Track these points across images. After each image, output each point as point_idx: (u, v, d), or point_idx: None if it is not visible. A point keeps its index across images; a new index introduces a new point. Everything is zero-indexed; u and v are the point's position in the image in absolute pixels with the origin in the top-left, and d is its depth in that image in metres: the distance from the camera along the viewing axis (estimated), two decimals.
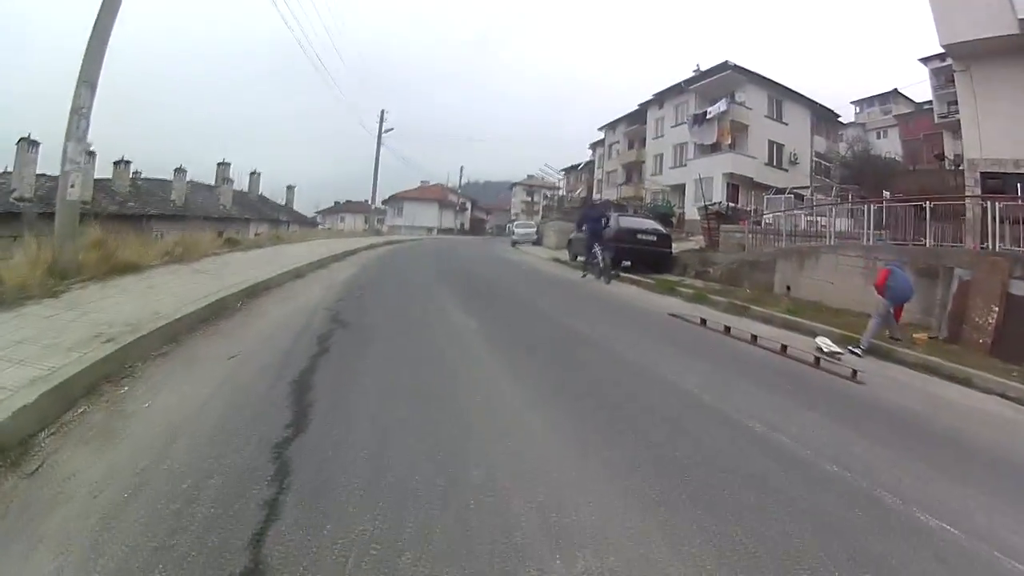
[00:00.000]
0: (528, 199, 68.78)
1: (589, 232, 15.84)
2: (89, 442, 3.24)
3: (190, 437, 3.34)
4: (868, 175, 28.65)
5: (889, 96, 48.97)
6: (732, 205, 30.06)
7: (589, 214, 17.17)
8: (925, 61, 35.64)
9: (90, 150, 27.45)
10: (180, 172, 34.76)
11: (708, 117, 35.93)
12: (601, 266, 15.13)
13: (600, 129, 53.95)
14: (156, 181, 34.06)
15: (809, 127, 38.64)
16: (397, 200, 70.65)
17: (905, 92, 47.40)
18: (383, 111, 43.39)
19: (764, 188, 31.45)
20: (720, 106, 35.20)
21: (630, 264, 16.44)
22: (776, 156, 36.60)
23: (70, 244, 6.99)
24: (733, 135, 34.98)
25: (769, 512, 3.00)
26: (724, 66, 36.20)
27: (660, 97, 42.53)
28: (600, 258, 15.21)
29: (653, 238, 17.53)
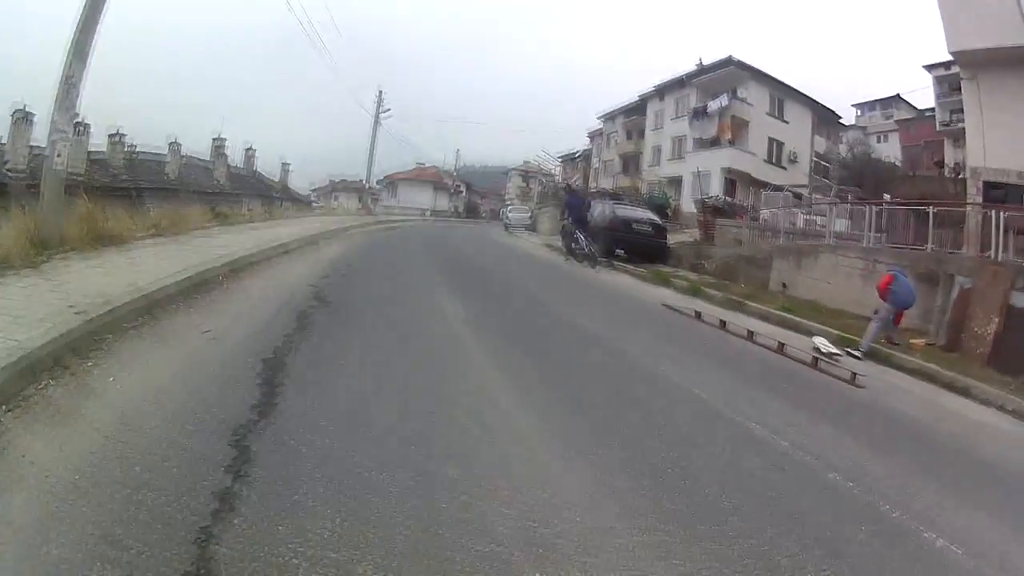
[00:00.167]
0: (524, 185, 68.26)
1: (572, 219, 16.18)
2: (48, 420, 3.00)
3: (151, 417, 3.11)
4: (868, 178, 28.45)
5: (891, 101, 48.63)
6: (729, 200, 29.89)
7: (572, 201, 17.35)
8: (929, 68, 35.25)
9: (85, 123, 27.18)
10: (175, 147, 34.26)
11: (709, 111, 35.65)
12: (586, 252, 15.27)
13: (599, 119, 53.51)
14: (151, 155, 33.50)
15: (810, 127, 38.40)
16: (392, 181, 69.95)
17: (907, 98, 47.25)
18: (380, 91, 42.84)
19: (762, 185, 31.22)
20: (721, 101, 34.92)
21: (625, 254, 16.30)
22: (775, 154, 36.39)
23: (54, 215, 6.77)
24: (733, 131, 34.74)
25: (773, 527, 2.81)
26: (727, 61, 35.89)
27: (661, 89, 42.19)
28: (584, 244, 15.39)
29: (649, 229, 17.32)
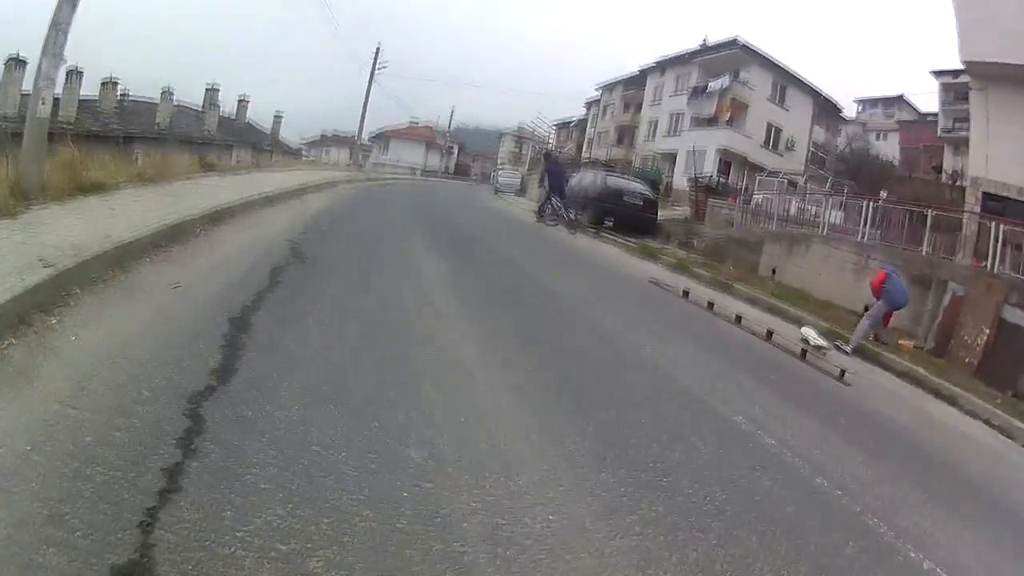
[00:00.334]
0: (516, 149, 67.73)
1: (549, 186, 16.50)
2: (7, 383, 2.77)
3: (106, 380, 2.90)
4: (864, 174, 28.47)
5: (894, 101, 48.51)
6: (723, 180, 29.82)
7: (550, 168, 17.40)
8: (937, 74, 35.20)
9: (79, 69, 26.59)
10: (167, 95, 33.57)
11: (709, 91, 35.28)
12: (565, 217, 15.78)
13: (597, 89, 52.89)
14: (143, 102, 32.89)
15: (810, 116, 38.14)
16: (384, 137, 68.96)
17: (911, 100, 47.11)
18: (378, 46, 41.77)
19: (757, 169, 31.15)
20: (723, 81, 34.55)
21: (613, 225, 16.12)
22: (773, 139, 36.21)
23: (35, 163, 6.48)
24: (732, 112, 34.45)
25: (757, 536, 2.69)
26: (732, 43, 35.39)
27: (662, 64, 41.66)
28: (562, 211, 15.97)
29: (639, 202, 17.19)
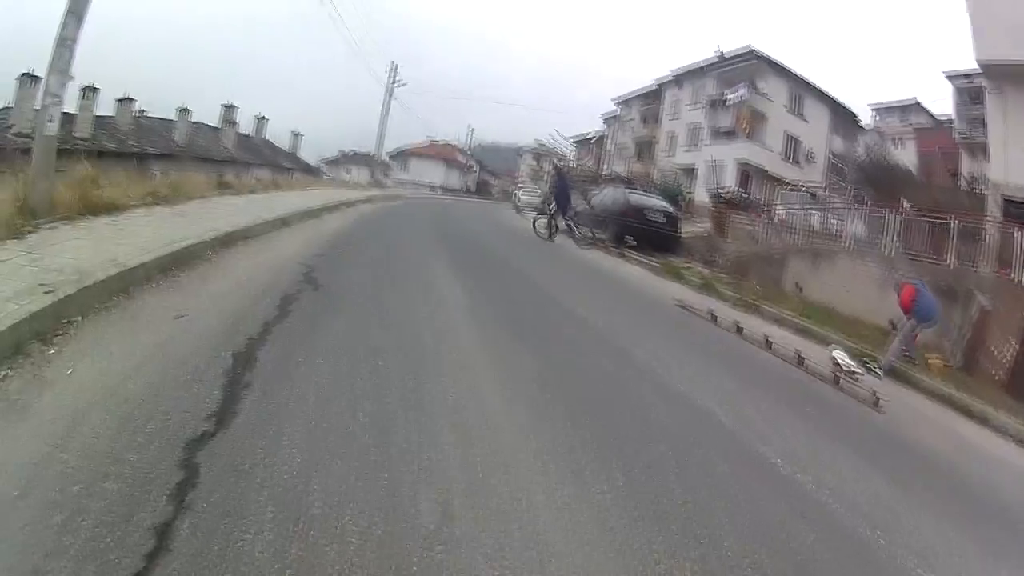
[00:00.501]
0: (536, 166, 67.80)
1: (556, 200, 16.50)
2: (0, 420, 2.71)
3: (99, 421, 2.78)
4: (883, 182, 28.02)
5: (909, 107, 47.98)
6: (744, 193, 29.50)
7: (558, 184, 17.36)
8: (951, 78, 34.75)
9: (93, 87, 26.94)
10: (184, 112, 33.95)
11: (727, 102, 35.16)
12: (576, 234, 15.87)
13: (615, 103, 52.93)
14: (159, 120, 33.31)
15: (828, 126, 37.85)
16: (404, 155, 69.40)
17: (925, 105, 46.61)
18: (395, 63, 42.28)
19: (776, 181, 30.83)
20: (740, 92, 34.39)
21: (635, 242, 15.94)
22: (792, 150, 35.90)
23: (44, 182, 6.44)
24: (750, 124, 34.25)
25: None
26: (749, 53, 35.22)
27: (679, 76, 41.58)
28: (570, 226, 16.02)
29: (662, 218, 16.90)
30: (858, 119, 41.60)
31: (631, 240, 15.97)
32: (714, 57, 38.28)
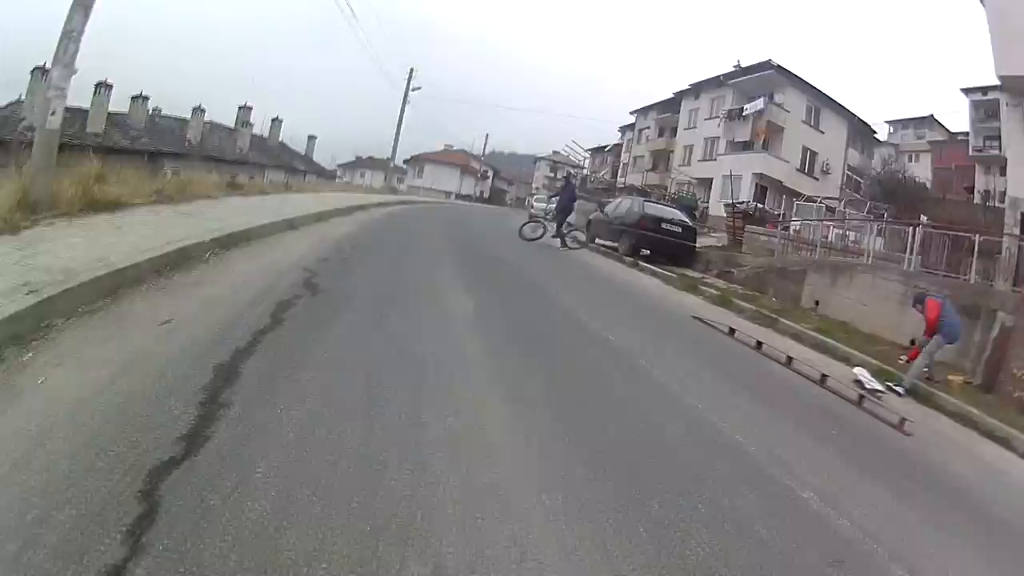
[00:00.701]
0: (551, 175, 67.77)
1: (560, 208, 16.66)
2: None
3: (63, 440, 2.53)
4: (900, 197, 27.71)
5: (925, 121, 47.77)
6: (760, 206, 29.23)
7: (564, 193, 17.40)
8: (966, 92, 34.38)
9: (107, 83, 27.06)
10: (198, 112, 34.12)
11: (744, 114, 34.98)
12: (560, 239, 15.91)
13: (632, 113, 53.02)
14: (175, 119, 33.49)
15: (845, 139, 37.61)
16: (419, 161, 69.76)
17: (941, 119, 46.32)
18: (411, 69, 42.40)
19: (793, 194, 30.62)
20: (758, 104, 34.19)
21: (649, 253, 15.83)
22: (808, 163, 35.63)
23: (44, 176, 6.37)
24: (767, 136, 34.04)
25: None
26: (766, 65, 35.02)
27: (696, 88, 41.49)
28: (563, 233, 15.99)
29: (678, 229, 16.70)
30: (875, 132, 41.34)
31: (646, 251, 15.83)
32: (732, 68, 38.10)
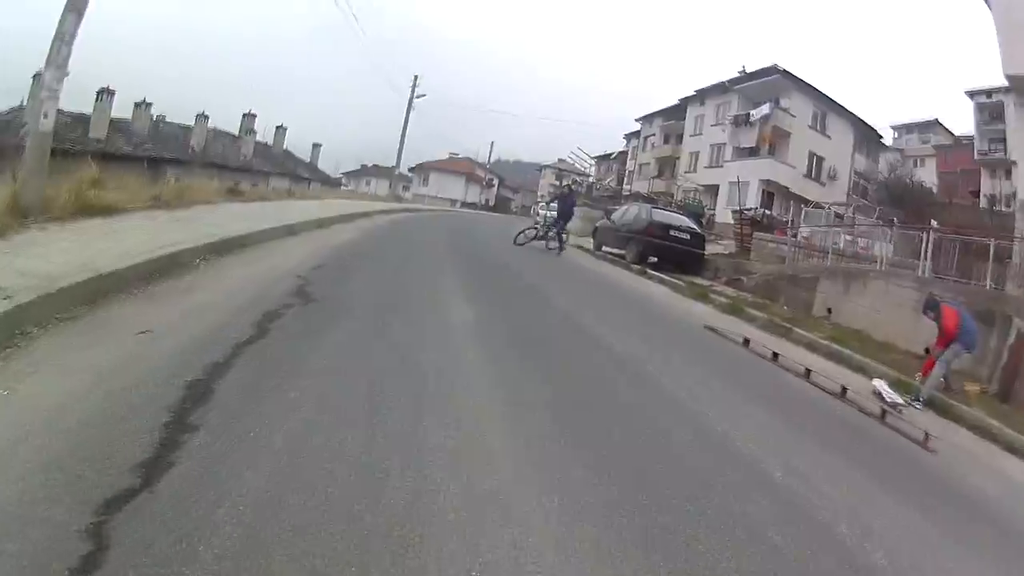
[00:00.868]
0: (556, 183, 67.83)
1: (559, 214, 16.87)
2: None
3: (17, 464, 2.31)
4: (907, 202, 27.49)
5: (930, 125, 47.59)
6: (768, 213, 28.98)
7: (564, 201, 17.62)
8: (971, 95, 34.21)
9: (110, 89, 27.07)
10: (202, 119, 34.14)
11: (750, 120, 34.78)
12: (558, 243, 16.28)
13: (637, 120, 52.85)
14: (178, 126, 33.51)
15: (851, 144, 37.38)
16: (424, 169, 69.91)
17: (945, 123, 46.14)
18: (416, 76, 42.27)
19: (800, 200, 30.33)
20: (763, 110, 33.98)
21: (657, 261, 15.66)
22: (815, 169, 35.42)
23: (37, 180, 6.31)
24: (774, 141, 33.85)
25: None
26: (772, 70, 34.82)
27: (702, 94, 41.28)
28: (552, 234, 16.40)
29: (687, 236, 16.52)
30: (881, 137, 41.12)
31: (653, 258, 15.69)
32: (737, 74, 37.92)
